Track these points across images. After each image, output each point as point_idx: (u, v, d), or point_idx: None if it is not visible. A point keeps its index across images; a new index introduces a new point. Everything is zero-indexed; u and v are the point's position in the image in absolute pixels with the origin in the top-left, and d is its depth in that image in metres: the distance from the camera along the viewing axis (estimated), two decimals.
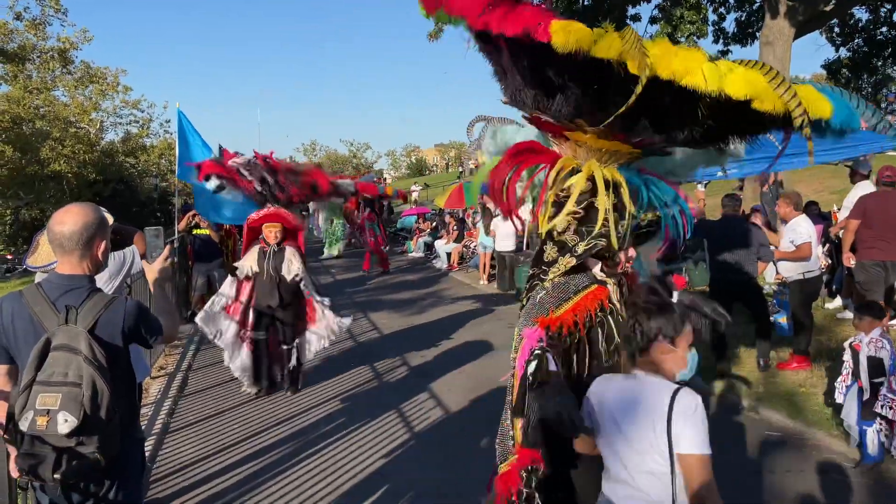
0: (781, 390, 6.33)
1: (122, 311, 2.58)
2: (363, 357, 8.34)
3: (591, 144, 2.87)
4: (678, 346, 2.41)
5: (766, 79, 2.22)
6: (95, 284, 2.67)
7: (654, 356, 2.43)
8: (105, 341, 2.51)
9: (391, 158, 75.83)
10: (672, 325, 2.40)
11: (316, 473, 5.00)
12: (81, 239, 2.59)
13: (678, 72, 2.18)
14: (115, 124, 33.18)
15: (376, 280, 15.40)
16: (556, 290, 2.90)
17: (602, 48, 2.20)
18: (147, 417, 6.07)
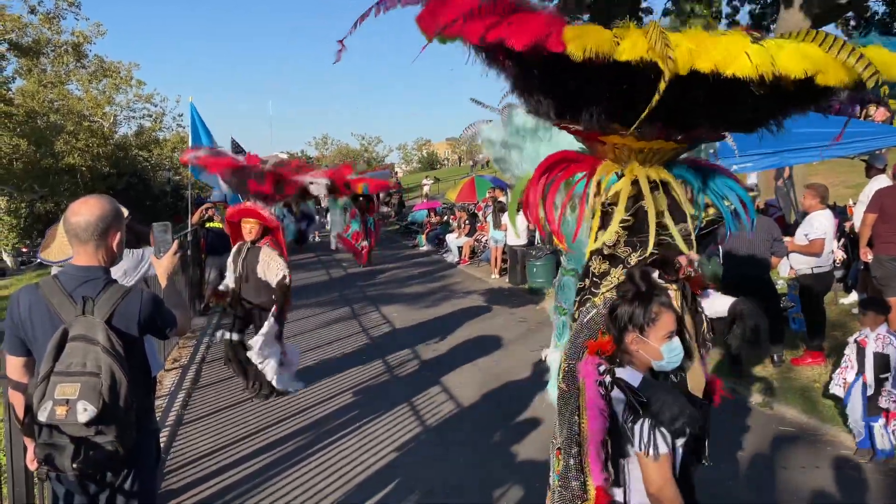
0: (795, 386, 6.29)
1: (138, 301, 2.60)
2: (375, 350, 8.36)
3: (631, 145, 2.67)
4: (650, 336, 2.38)
5: (823, 48, 2.01)
6: (111, 276, 2.69)
7: (626, 345, 2.43)
8: (122, 331, 2.54)
9: (402, 152, 75.89)
10: (643, 315, 2.38)
11: (328, 466, 5.02)
12: (97, 230, 2.61)
13: (720, 62, 1.99)
14: (128, 118, 33.44)
15: (388, 274, 15.42)
16: (607, 306, 2.70)
17: (626, 50, 2.02)
18: (161, 409, 6.11)
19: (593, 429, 2.33)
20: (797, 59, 1.97)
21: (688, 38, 2.06)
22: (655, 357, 2.40)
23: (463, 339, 8.94)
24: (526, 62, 2.32)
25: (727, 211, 2.83)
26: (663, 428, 2.18)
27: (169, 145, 33.82)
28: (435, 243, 19.64)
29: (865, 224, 6.83)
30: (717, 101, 2.26)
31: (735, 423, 5.55)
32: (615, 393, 2.34)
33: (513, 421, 5.85)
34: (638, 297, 2.41)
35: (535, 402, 6.21)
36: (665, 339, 2.38)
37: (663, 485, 2.17)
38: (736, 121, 2.53)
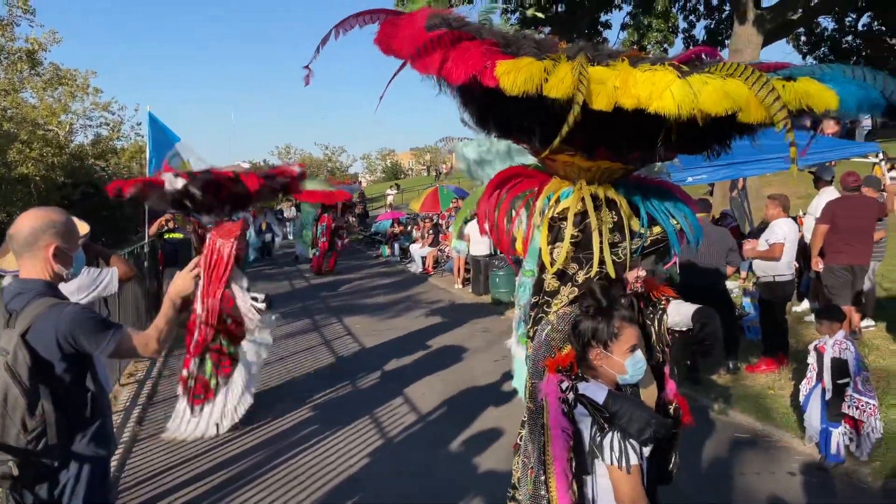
0: (750, 393, 6.42)
1: (55, 317, 2.45)
2: (337, 362, 8.30)
3: (579, 164, 2.74)
4: (614, 351, 2.39)
5: (747, 85, 2.08)
6: (51, 290, 2.58)
7: (590, 361, 2.43)
8: (37, 348, 2.42)
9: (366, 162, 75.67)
10: (606, 331, 2.39)
11: (288, 481, 4.96)
12: (27, 241, 2.54)
13: (644, 99, 2.06)
14: (84, 127, 32.67)
15: (352, 284, 15.34)
16: (561, 321, 2.74)
17: (553, 87, 2.07)
18: (116, 425, 5.97)
19: (557, 449, 2.33)
20: (719, 96, 2.03)
21: (615, 74, 2.11)
22: (620, 371, 2.41)
23: (426, 349, 8.93)
24: (469, 91, 2.41)
25: (672, 230, 2.88)
26: (632, 440, 2.20)
27: (127, 154, 33.16)
28: (398, 253, 19.62)
29: (817, 234, 7.04)
30: (653, 128, 2.31)
31: (692, 430, 5.63)
32: (579, 409, 2.34)
33: (476, 431, 5.85)
34: (599, 313, 2.42)
35: (497, 412, 6.24)
36: (628, 353, 2.40)
37: (636, 497, 2.18)
38: (677, 145, 2.58)
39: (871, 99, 2.23)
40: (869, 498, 4.59)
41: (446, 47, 2.19)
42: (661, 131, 2.35)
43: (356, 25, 2.47)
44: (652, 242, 2.91)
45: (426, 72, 2.26)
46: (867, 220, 6.98)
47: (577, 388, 2.38)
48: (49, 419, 2.40)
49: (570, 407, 2.37)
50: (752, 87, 2.07)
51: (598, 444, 2.26)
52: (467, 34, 2.26)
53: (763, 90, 2.04)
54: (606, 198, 2.77)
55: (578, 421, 2.36)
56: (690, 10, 20.34)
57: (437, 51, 2.19)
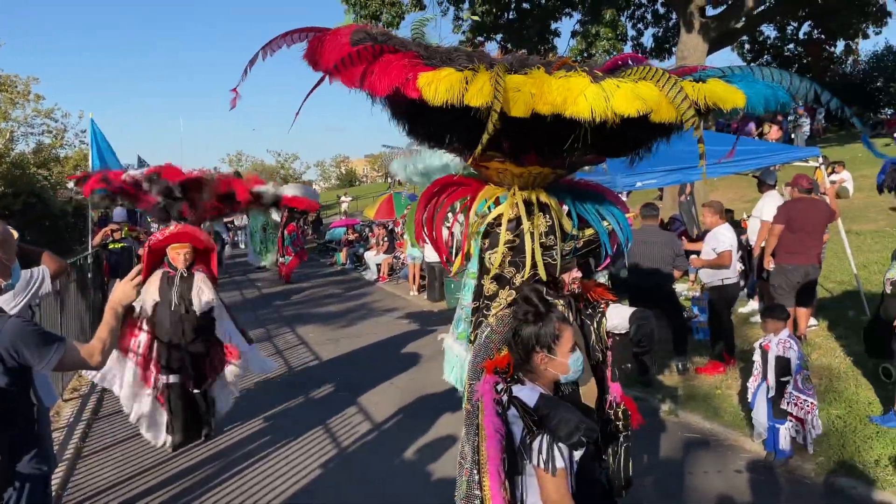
0: (699, 393, 6.55)
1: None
2: (289, 373, 8.18)
3: (511, 170, 2.81)
4: (557, 353, 2.42)
5: (658, 87, 2.19)
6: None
7: (534, 365, 2.45)
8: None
9: (320, 169, 74.99)
10: (548, 334, 2.42)
11: (239, 494, 4.86)
12: None
13: (559, 104, 2.14)
14: (25, 134, 31.60)
15: (305, 293, 15.16)
16: (500, 324, 2.80)
17: (473, 97, 2.14)
18: (58, 442, 5.76)
19: (491, 450, 2.34)
20: (630, 99, 2.12)
21: (531, 82, 2.19)
22: (563, 371, 2.45)
23: (380, 357, 8.87)
24: (397, 104, 2.46)
25: (603, 231, 2.99)
26: (561, 443, 2.21)
27: (71, 163, 32.17)
28: (353, 261, 19.48)
29: (773, 234, 7.20)
30: (573, 132, 2.38)
31: (642, 431, 5.71)
32: (512, 411, 2.36)
33: (431, 438, 5.82)
34: (539, 318, 2.45)
35: (453, 419, 6.22)
36: (570, 353, 2.45)
37: (559, 499, 2.20)
38: (602, 149, 2.70)
39: (779, 97, 2.39)
40: (812, 493, 4.72)
41: (368, 60, 2.24)
42: (581, 135, 2.40)
43: (283, 45, 2.48)
44: (585, 244, 3.02)
45: (350, 85, 2.30)
46: (820, 222, 7.21)
47: (511, 391, 2.41)
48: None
49: (504, 408, 2.39)
50: (662, 89, 2.17)
51: (527, 445, 2.28)
52: (390, 47, 2.31)
53: (672, 91, 2.16)
54: (539, 202, 2.86)
55: (511, 422, 2.37)
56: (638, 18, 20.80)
57: (359, 64, 2.24)
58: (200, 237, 5.80)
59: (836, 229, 8.11)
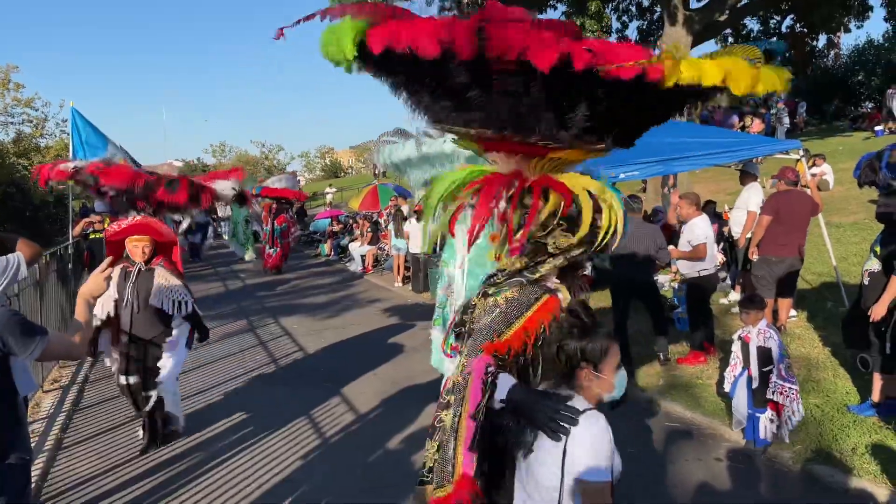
0: (681, 383, 6.61)
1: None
2: (273, 364, 8.16)
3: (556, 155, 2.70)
4: (603, 370, 2.33)
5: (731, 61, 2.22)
6: None
7: (579, 381, 2.35)
8: None
9: (305, 160, 74.65)
10: (596, 350, 2.32)
11: (221, 485, 4.85)
12: None
13: (695, 77, 2.14)
14: (5, 124, 31.19)
15: (289, 284, 15.12)
16: (510, 306, 2.74)
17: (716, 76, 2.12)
18: (39, 433, 5.72)
19: (470, 424, 2.38)
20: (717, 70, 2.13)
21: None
22: (608, 389, 2.36)
23: (364, 348, 8.88)
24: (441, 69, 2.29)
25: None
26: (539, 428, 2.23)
27: (52, 153, 31.75)
28: (337, 252, 19.44)
29: (760, 225, 7.26)
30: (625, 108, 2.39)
31: (624, 421, 5.77)
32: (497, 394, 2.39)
33: (414, 429, 5.84)
34: (586, 332, 2.36)
35: (430, 410, 6.23)
36: (616, 371, 2.36)
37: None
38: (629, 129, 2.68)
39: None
40: (791, 480, 4.80)
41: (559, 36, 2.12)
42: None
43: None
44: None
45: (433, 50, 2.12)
46: (805, 214, 7.29)
47: (497, 376, 2.42)
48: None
49: (488, 391, 2.41)
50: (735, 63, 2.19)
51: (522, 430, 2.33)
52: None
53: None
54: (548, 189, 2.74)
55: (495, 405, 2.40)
56: (623, 10, 20.82)
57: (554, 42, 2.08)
58: (160, 229, 5.54)
59: (816, 222, 8.19)
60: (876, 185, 5.77)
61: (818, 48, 27.01)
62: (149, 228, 5.42)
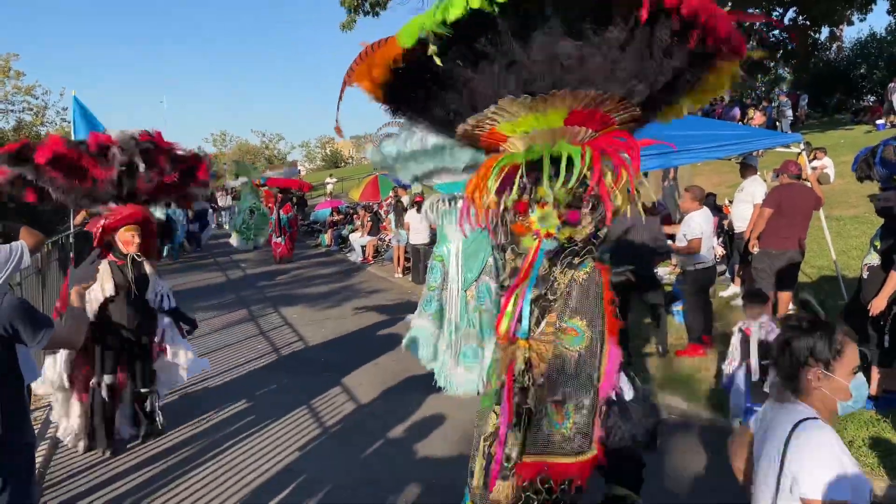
0: (679, 375, 6.64)
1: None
2: (274, 353, 8.20)
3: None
4: (836, 371, 2.09)
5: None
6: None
7: (804, 383, 2.12)
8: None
9: (306, 150, 74.54)
10: (827, 347, 2.09)
11: (221, 473, 4.89)
12: None
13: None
14: (5, 112, 31.16)
15: (290, 274, 15.14)
16: (591, 285, 2.86)
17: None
18: (41, 421, 5.76)
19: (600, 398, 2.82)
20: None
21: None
22: (842, 395, 2.11)
23: (364, 338, 8.91)
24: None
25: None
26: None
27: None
28: (338, 242, 19.46)
29: (762, 217, 7.26)
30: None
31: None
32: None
33: (414, 419, 5.88)
34: (817, 327, 2.13)
35: (436, 400, 6.28)
36: (852, 375, 2.11)
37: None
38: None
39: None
40: None
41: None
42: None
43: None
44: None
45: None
46: (808, 207, 7.29)
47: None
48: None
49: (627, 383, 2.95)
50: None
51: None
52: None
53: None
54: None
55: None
56: None
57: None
58: (152, 218, 5.44)
59: (816, 215, 8.19)
60: (871, 179, 5.79)
61: (820, 41, 26.90)
62: (143, 216, 5.29)
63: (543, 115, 2.61)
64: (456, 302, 6.52)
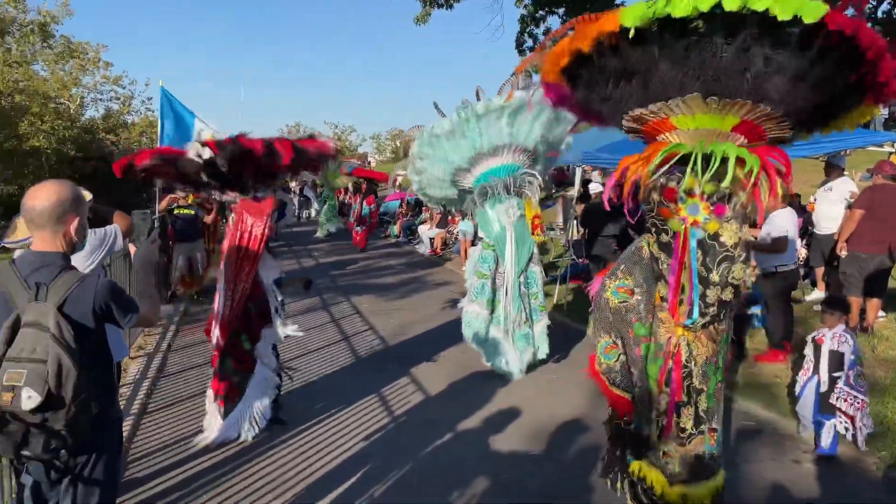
0: (757, 381, 6.42)
1: (93, 289, 2.55)
2: (343, 340, 8.34)
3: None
4: None
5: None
6: (69, 262, 2.65)
7: None
8: (75, 319, 2.49)
9: (376, 142, 75.44)
10: None
11: (295, 456, 5.01)
12: (53, 215, 2.57)
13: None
14: (95, 100, 32.66)
15: (360, 264, 15.38)
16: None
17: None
18: (125, 398, 6.03)
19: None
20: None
21: None
22: None
23: (432, 329, 8.95)
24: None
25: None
26: None
27: (137, 129, 33.10)
28: (407, 234, 19.63)
29: (852, 219, 6.94)
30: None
31: None
32: None
33: (483, 413, 5.87)
34: None
35: (504, 395, 6.26)
36: None
37: None
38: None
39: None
40: (873, 487, 4.60)
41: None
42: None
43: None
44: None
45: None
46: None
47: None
48: (93, 388, 2.49)
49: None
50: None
51: None
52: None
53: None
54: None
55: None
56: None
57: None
58: (263, 208, 5.39)
59: None
60: None
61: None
62: (255, 208, 5.32)
63: (720, 118, 2.85)
64: (511, 287, 6.69)
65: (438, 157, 6.60)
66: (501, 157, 6.50)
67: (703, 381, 3.22)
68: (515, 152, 6.51)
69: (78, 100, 30.19)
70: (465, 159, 6.54)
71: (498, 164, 6.55)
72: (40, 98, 26.18)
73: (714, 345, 3.21)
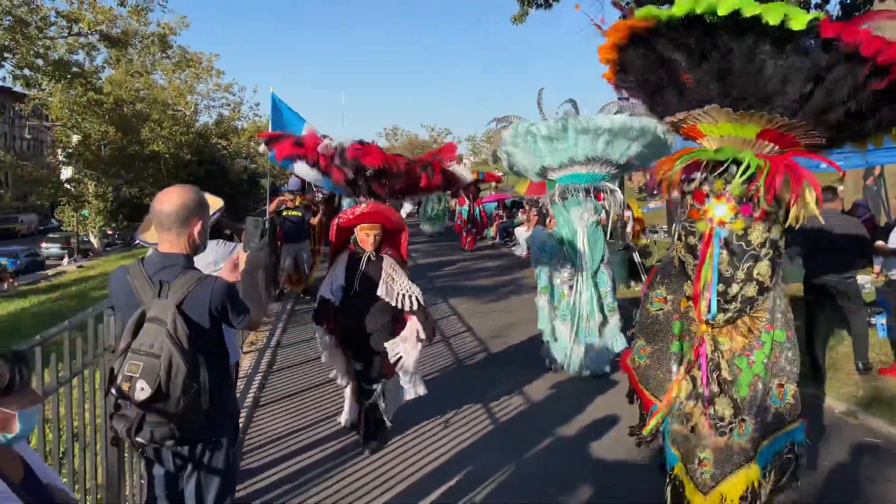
0: (883, 396, 6.00)
1: (209, 289, 2.67)
2: (442, 342, 8.41)
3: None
4: None
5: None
6: (192, 263, 2.80)
7: None
8: (193, 318, 2.63)
9: (471, 144, 75.76)
10: None
11: (400, 452, 5.11)
12: (178, 217, 2.73)
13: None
14: (207, 107, 34.56)
15: (457, 265, 15.49)
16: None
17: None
18: (239, 391, 6.31)
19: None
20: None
21: None
22: None
23: (530, 334, 8.87)
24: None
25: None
26: None
27: (245, 134, 34.75)
28: (503, 236, 19.62)
29: None
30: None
31: (817, 432, 5.34)
32: None
33: (586, 420, 5.76)
34: None
35: (606, 402, 6.14)
36: None
37: None
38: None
39: None
40: None
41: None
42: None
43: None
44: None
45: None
46: None
47: None
48: (204, 383, 2.60)
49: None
50: None
51: None
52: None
53: None
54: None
55: None
56: None
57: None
58: (392, 217, 5.21)
59: None
60: None
61: None
62: (382, 216, 5.13)
63: (741, 126, 3.07)
64: (584, 286, 6.95)
65: (530, 151, 6.68)
66: (590, 166, 6.62)
67: (733, 374, 3.36)
68: (605, 164, 6.58)
69: (193, 106, 32.01)
70: (556, 162, 6.67)
71: (584, 172, 6.69)
72: (159, 105, 27.94)
73: (744, 339, 3.34)
